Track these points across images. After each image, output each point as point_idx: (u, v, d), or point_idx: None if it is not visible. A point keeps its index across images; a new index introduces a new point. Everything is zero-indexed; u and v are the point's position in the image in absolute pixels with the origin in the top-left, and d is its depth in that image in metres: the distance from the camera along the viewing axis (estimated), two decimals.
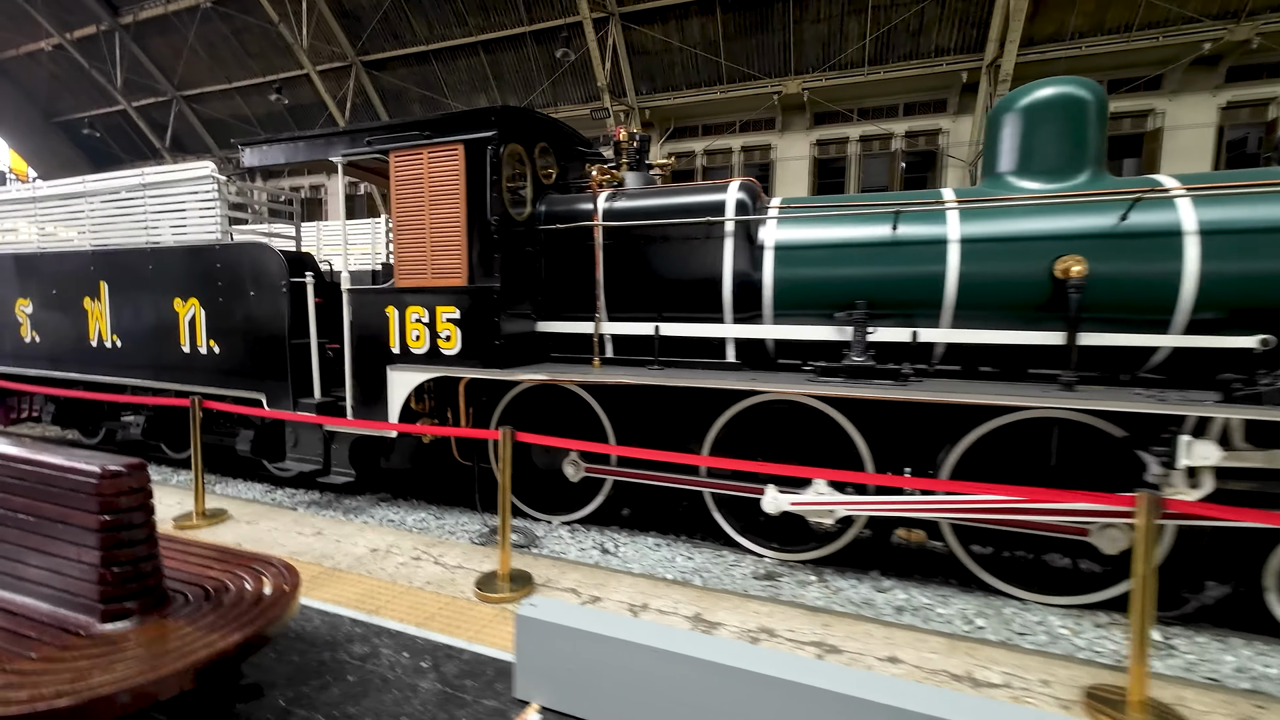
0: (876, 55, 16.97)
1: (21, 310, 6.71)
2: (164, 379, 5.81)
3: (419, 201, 4.54)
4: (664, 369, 4.49)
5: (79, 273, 6.18)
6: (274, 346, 5.15)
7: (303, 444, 5.21)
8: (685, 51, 18.41)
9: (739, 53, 17.99)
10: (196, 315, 5.51)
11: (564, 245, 4.82)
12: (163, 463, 7.07)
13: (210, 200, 5.33)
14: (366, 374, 4.88)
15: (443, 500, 5.60)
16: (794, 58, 17.59)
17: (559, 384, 4.61)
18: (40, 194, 6.44)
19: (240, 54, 23.67)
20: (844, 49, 16.98)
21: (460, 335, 4.50)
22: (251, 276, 5.18)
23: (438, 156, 4.43)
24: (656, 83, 19.47)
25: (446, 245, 4.47)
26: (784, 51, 17.63)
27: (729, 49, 17.97)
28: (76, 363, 6.37)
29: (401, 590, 3.43)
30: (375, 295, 4.80)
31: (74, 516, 2.15)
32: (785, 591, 3.85)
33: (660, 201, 4.51)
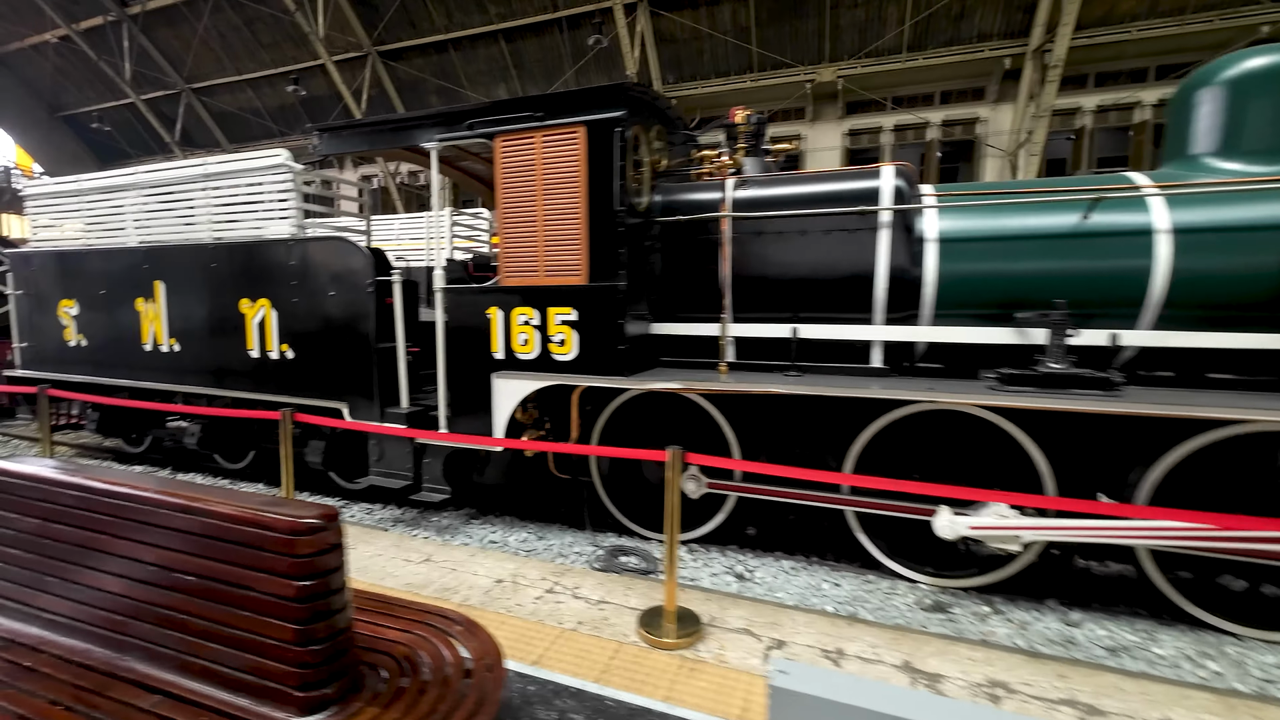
0: (915, 41, 16.45)
1: (66, 312, 6.25)
2: (228, 386, 5.36)
3: (529, 191, 4.09)
4: (803, 375, 4.06)
5: (131, 271, 5.72)
6: (358, 352, 4.70)
7: (389, 458, 4.78)
8: (715, 39, 17.87)
9: (771, 39, 17.46)
10: (267, 317, 5.06)
11: (682, 239, 4.38)
12: (216, 474, 6.64)
13: (284, 191, 4.86)
14: (464, 381, 4.44)
15: (533, 516, 5.17)
16: (829, 44, 17.06)
17: (686, 393, 4.17)
18: (86, 186, 5.97)
19: (252, 45, 23.08)
20: (882, 35, 16.45)
21: (577, 339, 4.06)
22: (332, 275, 4.72)
23: (554, 140, 3.97)
24: (684, 71, 18.94)
25: (562, 240, 4.02)
26: (818, 38, 17.10)
27: (761, 36, 17.44)
28: (127, 368, 5.92)
29: (555, 633, 3.01)
30: (476, 295, 4.35)
31: (260, 582, 1.72)
32: (967, 627, 3.44)
33: (801, 190, 4.06)
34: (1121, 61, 15.52)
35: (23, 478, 2.18)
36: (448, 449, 4.60)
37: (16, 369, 6.75)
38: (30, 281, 6.44)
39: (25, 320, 6.57)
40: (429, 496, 4.57)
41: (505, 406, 4.26)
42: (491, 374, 4.31)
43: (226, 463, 6.54)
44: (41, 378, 6.52)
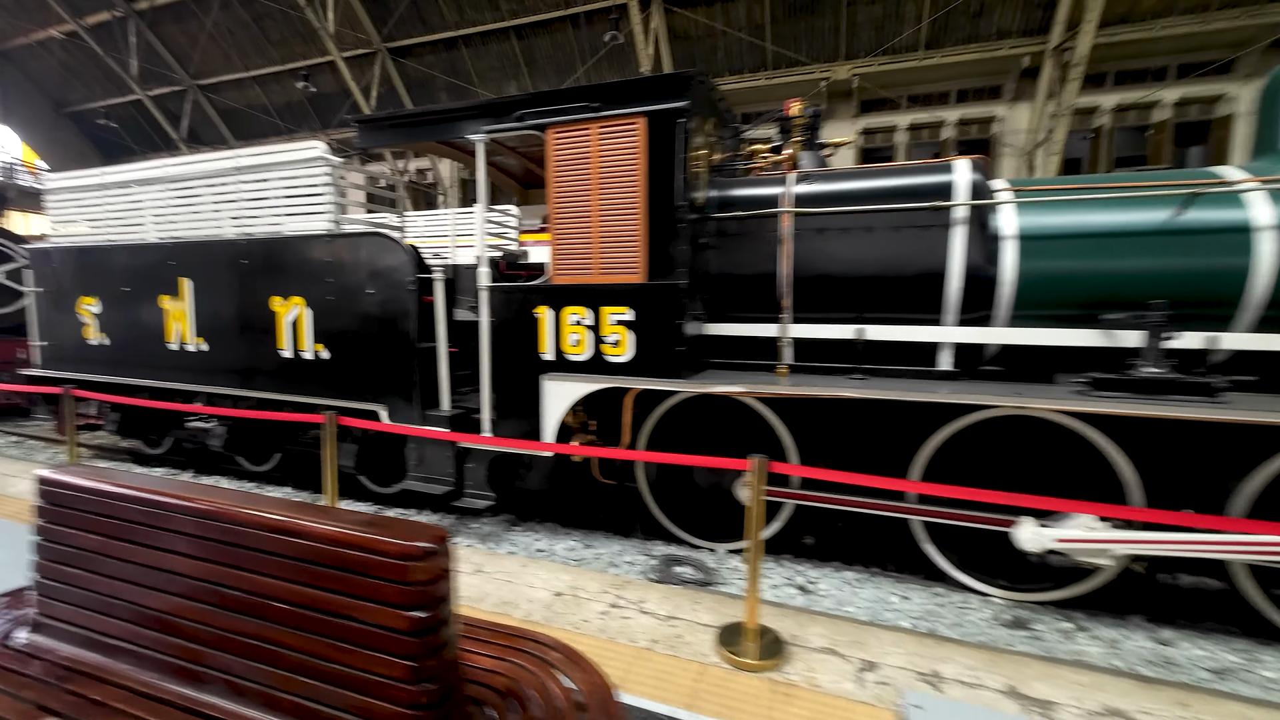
0: (933, 39, 16.28)
1: (86, 309, 6.06)
2: (258, 386, 5.17)
3: (584, 185, 3.90)
4: (868, 378, 3.88)
5: (156, 267, 5.53)
6: (398, 352, 4.51)
7: (429, 462, 4.59)
8: (729, 36, 17.68)
9: (786, 37, 17.27)
10: (300, 315, 4.87)
11: (736, 235, 4.20)
12: (240, 476, 6.45)
13: (320, 185, 4.67)
14: (509, 383, 4.25)
15: (575, 522, 4.99)
16: (845, 42, 16.88)
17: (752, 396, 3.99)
18: (110, 180, 5.78)
19: (260, 41, 22.87)
20: (899, 32, 16.27)
21: (633, 340, 3.88)
22: (371, 272, 4.54)
23: (612, 131, 3.79)
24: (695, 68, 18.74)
25: (619, 235, 3.84)
26: (834, 35, 16.92)
27: (776, 33, 17.26)
28: (151, 367, 5.73)
29: (631, 653, 2.83)
30: (523, 294, 4.17)
31: (366, 612, 1.54)
32: (1055, 645, 3.26)
33: (869, 184, 3.88)
34: (1142, 60, 15.33)
35: (83, 490, 2.00)
36: (492, 453, 4.42)
37: (34, 368, 6.57)
38: (50, 278, 6.25)
39: (44, 318, 6.38)
40: (472, 503, 4.39)
41: (556, 410, 4.08)
42: (540, 376, 4.12)
43: (250, 465, 6.36)
44: (61, 377, 6.34)
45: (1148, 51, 15.11)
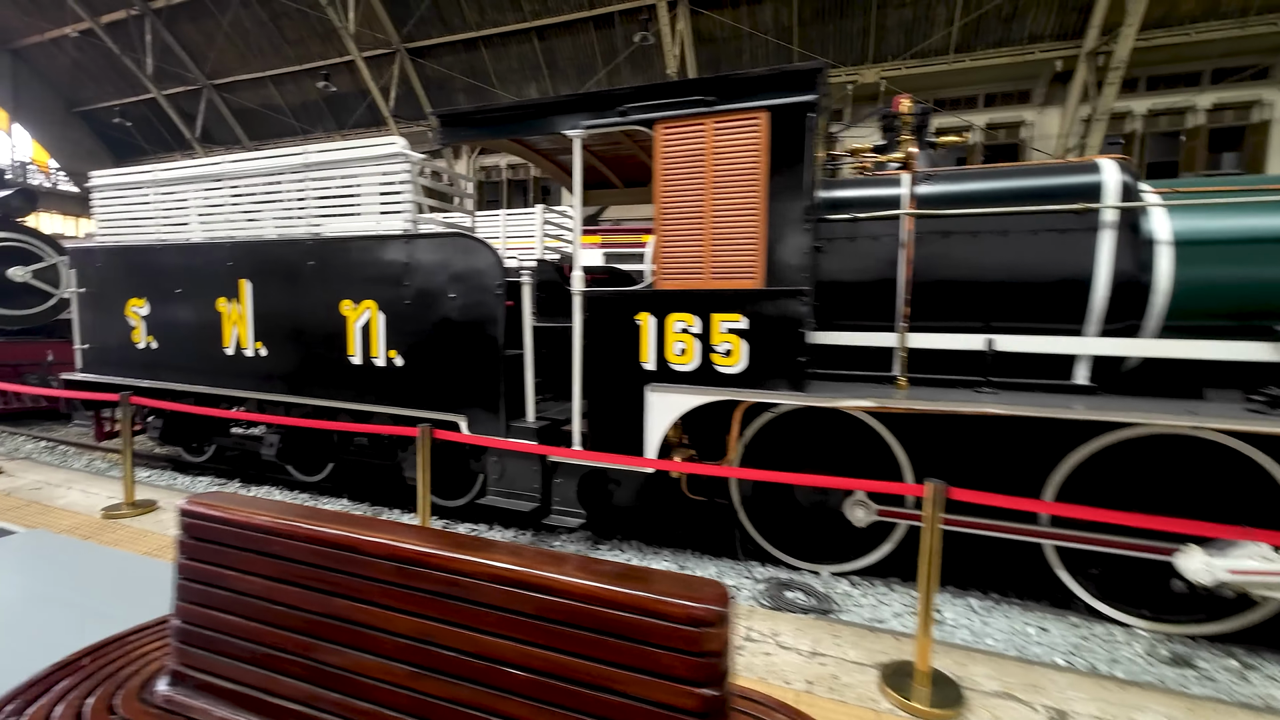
0: (963, 42, 16.11)
1: (134, 311, 5.79)
2: (323, 394, 4.90)
3: (696, 184, 3.65)
4: (999, 392, 3.62)
5: (213, 268, 5.26)
6: (482, 360, 4.25)
7: (512, 476, 4.32)
8: (755, 38, 17.48)
9: (814, 40, 17.07)
10: (373, 320, 4.61)
11: (846, 239, 3.95)
12: (290, 486, 6.18)
13: (399, 183, 4.41)
14: (605, 394, 3.99)
15: (659, 541, 4.72)
16: (873, 45, 16.68)
17: (880, 411, 3.72)
18: (163, 177, 5.52)
19: (277, 40, 22.66)
20: (929, 35, 16.08)
21: (747, 350, 3.62)
22: (453, 274, 4.27)
23: (730, 127, 3.54)
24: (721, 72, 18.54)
25: (735, 238, 3.58)
26: (863, 38, 16.72)
27: (803, 35, 17.06)
28: (205, 373, 5.46)
29: (791, 697, 2.56)
30: (623, 300, 3.91)
31: (641, 687, 1.27)
32: (1229, 686, 2.98)
33: (1002, 185, 3.63)
34: (1177, 65, 15.14)
35: (240, 525, 1.73)
36: (583, 469, 4.15)
37: (75, 371, 6.30)
38: (94, 278, 5.99)
39: (87, 320, 6.12)
40: (564, 521, 4.11)
41: (660, 423, 3.81)
42: (642, 387, 3.86)
43: (301, 475, 6.08)
44: (105, 381, 6.07)
45: (1182, 56, 14.91)
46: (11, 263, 9.18)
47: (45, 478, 5.57)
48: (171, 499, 4.98)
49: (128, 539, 4.15)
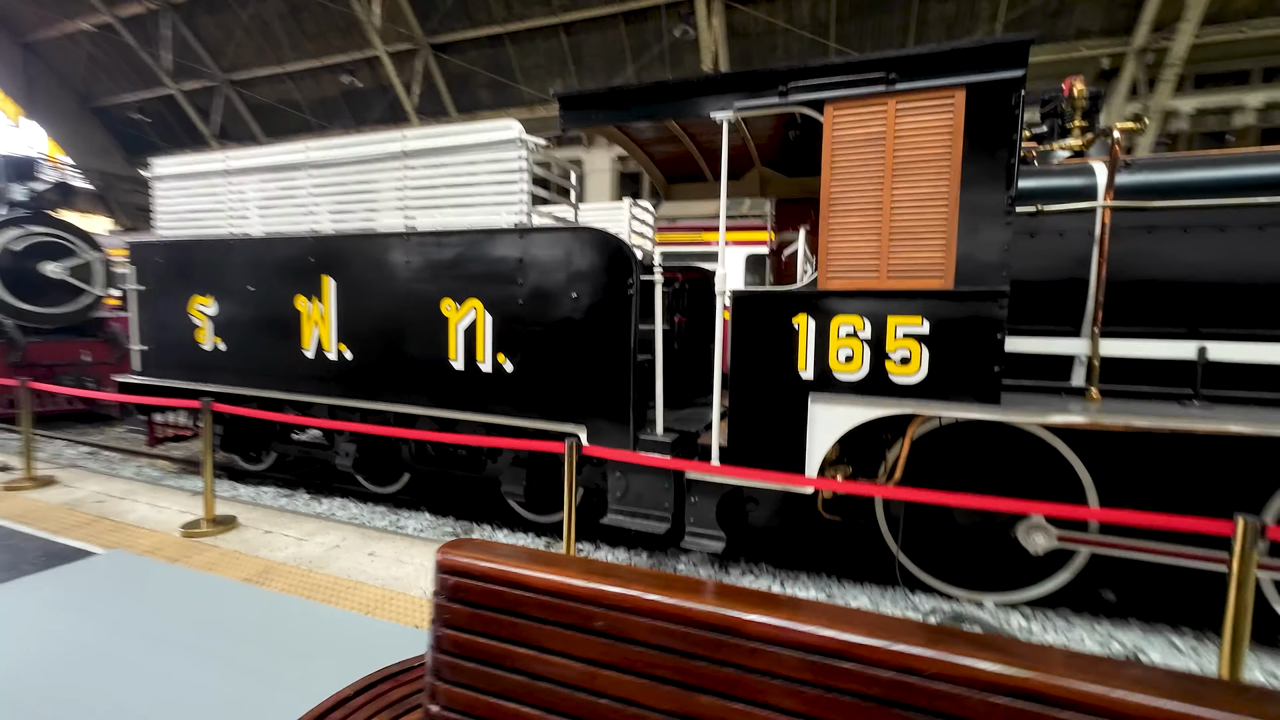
0: None
1: (199, 310, 5.39)
2: (417, 402, 4.49)
3: (872, 172, 3.25)
4: (1211, 406, 3.23)
5: (292, 264, 4.86)
6: (609, 366, 3.85)
7: (639, 494, 3.92)
8: (790, 34, 17.09)
9: (851, 35, 16.67)
10: (478, 322, 4.21)
11: (1027, 233, 3.56)
12: (361, 497, 5.78)
13: (513, 172, 4.01)
14: (754, 405, 3.59)
15: (793, 564, 4.31)
16: (912, 40, 16.28)
17: (1096, 429, 3.33)
18: (233, 165, 5.11)
19: (296, 35, 22.24)
20: (972, 31, 15.69)
21: (928, 357, 3.22)
22: (576, 272, 3.87)
23: (916, 107, 3.14)
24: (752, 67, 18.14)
25: (919, 233, 3.19)
26: (902, 34, 16.31)
27: (840, 31, 16.66)
28: (280, 377, 5.05)
29: None
30: (779, 300, 3.51)
31: None
32: None
33: (1223, 174, 3.24)
34: (1226, 63, 14.76)
35: (573, 597, 1.33)
36: (724, 487, 3.75)
37: (131, 374, 5.89)
38: (154, 275, 5.58)
39: (145, 319, 5.71)
40: (704, 545, 3.71)
41: (824, 438, 3.41)
42: (802, 397, 3.46)
43: (374, 486, 5.68)
44: (166, 385, 5.66)
45: (1234, 53, 14.52)
46: (46, 258, 8.77)
47: (104, 488, 5.17)
48: (249, 514, 4.57)
49: (219, 562, 3.75)
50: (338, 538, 4.18)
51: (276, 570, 3.65)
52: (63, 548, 3.91)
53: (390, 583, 3.52)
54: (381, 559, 3.85)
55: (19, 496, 4.91)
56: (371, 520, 5.07)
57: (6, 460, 5.78)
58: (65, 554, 3.81)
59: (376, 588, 3.45)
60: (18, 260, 8.52)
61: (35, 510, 4.58)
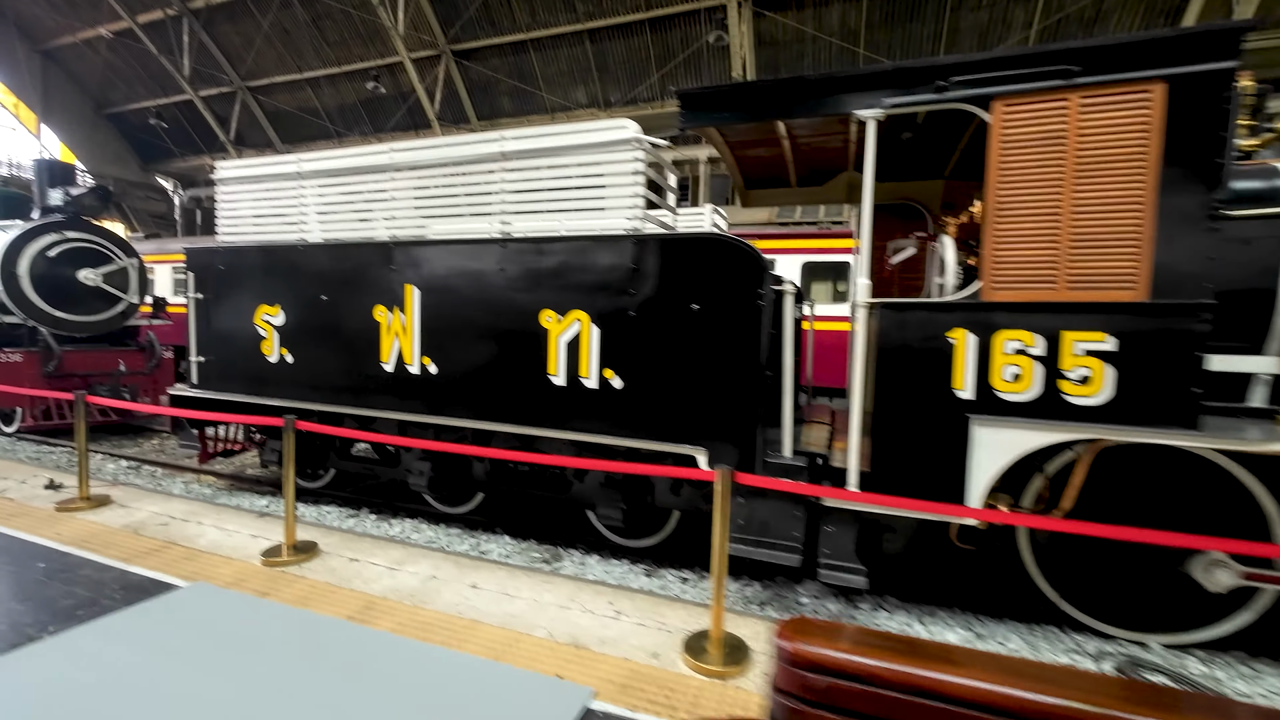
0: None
1: (266, 320, 5.09)
2: (511, 419, 4.18)
3: (1050, 173, 2.96)
4: None
5: (371, 272, 4.56)
6: (735, 383, 3.54)
7: (764, 522, 3.60)
8: (820, 41, 16.92)
9: (881, 44, 16.51)
10: (583, 335, 3.91)
11: None
12: (424, 517, 5.45)
13: (627, 175, 3.73)
14: (906, 426, 3.28)
15: (911, 595, 4.00)
16: (943, 49, 16.12)
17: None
18: (306, 169, 4.82)
19: (317, 41, 22.10)
20: (1005, 39, 15.52)
21: (1113, 377, 2.92)
22: (698, 282, 3.58)
23: (1104, 103, 2.86)
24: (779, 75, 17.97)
25: (1106, 240, 2.89)
26: (934, 43, 16.15)
27: (870, 39, 16.50)
28: (354, 392, 4.73)
29: None
30: (932, 313, 3.22)
31: None
32: None
33: None
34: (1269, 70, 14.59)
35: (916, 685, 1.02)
36: (862, 516, 3.44)
37: (189, 387, 5.58)
38: (216, 283, 5.29)
39: (205, 329, 5.41)
40: (844, 580, 3.38)
41: (989, 465, 3.10)
42: (961, 419, 3.15)
43: (444, 506, 5.36)
44: (227, 399, 5.35)
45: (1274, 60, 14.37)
46: (82, 265, 8.48)
47: (163, 509, 4.84)
48: (327, 539, 4.25)
49: (312, 596, 3.42)
50: (430, 567, 3.86)
51: (379, 606, 3.33)
52: (140, 579, 3.58)
53: (507, 621, 3.20)
54: (486, 592, 3.53)
55: (76, 519, 4.59)
56: (451, 544, 4.75)
57: (55, 477, 5.46)
58: (144, 586, 3.49)
59: (495, 628, 3.12)
60: (52, 267, 8.24)
61: (99, 535, 4.26)
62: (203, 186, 30.09)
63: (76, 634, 2.94)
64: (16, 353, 7.66)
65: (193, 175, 29.44)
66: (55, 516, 4.61)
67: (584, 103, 20.18)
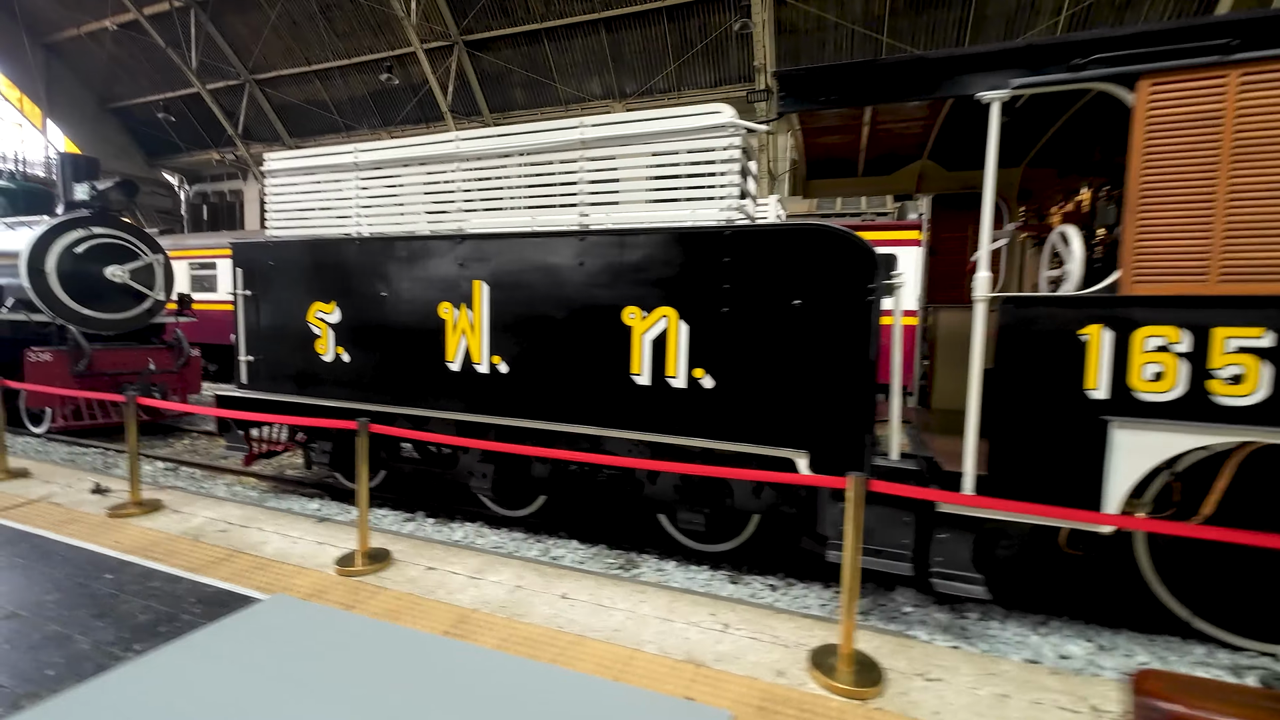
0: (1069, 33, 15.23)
1: (320, 318, 4.89)
2: (589, 421, 4.00)
3: (1204, 157, 2.76)
4: None
5: (436, 267, 4.37)
6: (840, 383, 3.35)
7: (868, 528, 3.42)
8: (840, 29, 16.64)
9: (904, 31, 16.21)
10: (670, 332, 3.72)
11: None
12: (483, 520, 5.28)
13: (721, 162, 3.53)
14: (1030, 427, 3.10)
15: (1022, 604, 3.82)
16: (969, 37, 15.83)
17: None
18: (364, 159, 4.61)
19: (326, 33, 21.76)
20: (1033, 25, 15.23)
21: (1271, 375, 2.73)
22: (800, 277, 3.38)
23: (1269, 79, 2.66)
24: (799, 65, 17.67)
25: (1269, 229, 2.70)
26: (959, 29, 15.87)
27: (894, 26, 16.21)
28: (416, 393, 4.54)
29: None
30: (1064, 308, 3.02)
31: None
32: None
33: None
34: None
35: None
36: (981, 523, 3.25)
37: (235, 387, 5.39)
38: (266, 279, 5.09)
39: (254, 327, 5.21)
40: (962, 590, 3.20)
41: (1129, 469, 2.91)
42: (1095, 419, 2.96)
43: (504, 509, 5.19)
44: (274, 399, 5.17)
45: None
46: (109, 261, 8.28)
47: (217, 514, 4.66)
48: (396, 546, 4.07)
49: (401, 609, 3.24)
50: (513, 576, 3.69)
51: (474, 620, 3.15)
52: (214, 591, 3.41)
53: (612, 635, 3.02)
54: (579, 603, 3.35)
55: (130, 525, 4.41)
56: (520, 549, 4.58)
57: (101, 481, 5.29)
58: (221, 599, 3.31)
59: (603, 643, 2.95)
60: (79, 263, 8.03)
61: (160, 542, 4.08)
62: (208, 181, 29.83)
63: (164, 654, 2.76)
64: (46, 352, 7.47)
65: (198, 170, 29.19)
66: (109, 523, 4.44)
67: (599, 94, 19.90)
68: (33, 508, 4.73)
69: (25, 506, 4.76)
